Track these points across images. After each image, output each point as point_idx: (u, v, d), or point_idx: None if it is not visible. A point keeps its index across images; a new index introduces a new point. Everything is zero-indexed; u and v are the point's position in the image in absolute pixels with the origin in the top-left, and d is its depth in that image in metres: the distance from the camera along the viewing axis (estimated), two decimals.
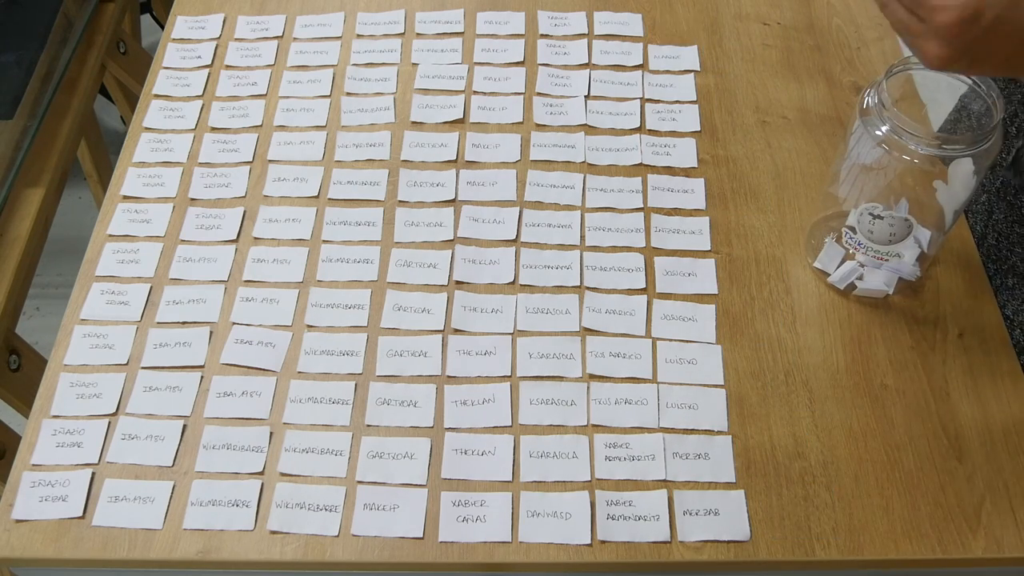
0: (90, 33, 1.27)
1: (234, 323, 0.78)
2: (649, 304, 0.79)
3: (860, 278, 0.78)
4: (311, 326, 0.78)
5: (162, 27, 1.17)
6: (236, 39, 1.01)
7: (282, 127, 0.92)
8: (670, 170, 0.89)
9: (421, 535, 0.67)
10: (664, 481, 0.70)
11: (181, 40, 1.01)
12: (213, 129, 0.92)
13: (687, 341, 0.77)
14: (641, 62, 0.98)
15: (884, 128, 0.69)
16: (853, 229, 0.76)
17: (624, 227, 0.84)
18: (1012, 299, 0.78)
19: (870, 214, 0.74)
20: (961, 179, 0.69)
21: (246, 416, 0.73)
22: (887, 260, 0.76)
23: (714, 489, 0.69)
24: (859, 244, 0.76)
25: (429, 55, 0.98)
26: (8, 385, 1.03)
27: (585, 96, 0.95)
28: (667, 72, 0.97)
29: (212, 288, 0.80)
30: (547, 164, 0.89)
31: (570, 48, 0.99)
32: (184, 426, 0.73)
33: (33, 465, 0.71)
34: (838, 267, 0.79)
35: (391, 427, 0.72)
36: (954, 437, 0.72)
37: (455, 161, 0.89)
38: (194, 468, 0.70)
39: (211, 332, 0.78)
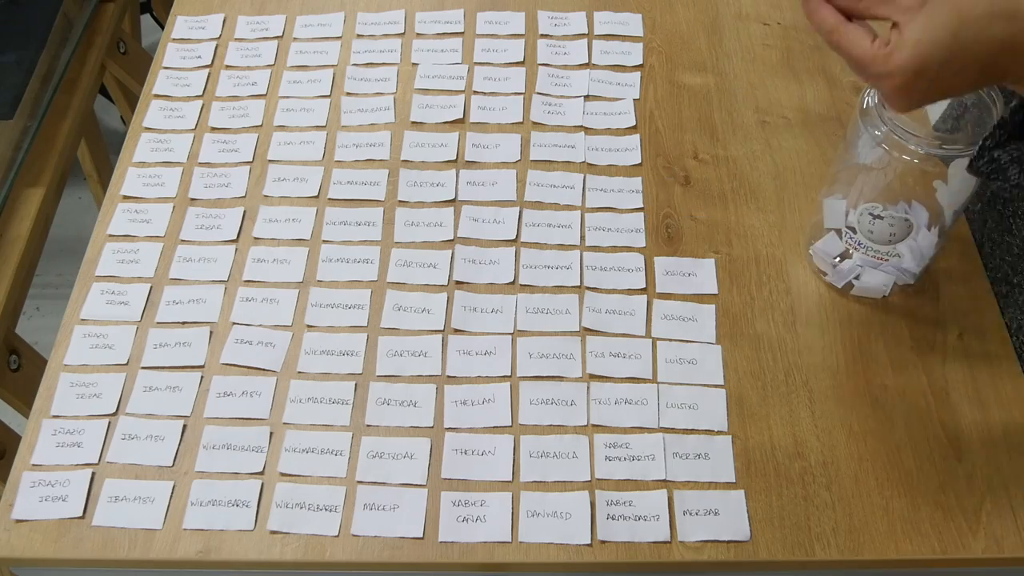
0: (90, 33, 1.27)
1: (234, 323, 0.78)
2: (649, 304, 0.79)
3: (858, 277, 0.78)
4: (311, 326, 0.78)
5: (162, 27, 1.17)
6: (236, 39, 1.01)
7: (282, 127, 0.92)
8: (670, 170, 0.89)
9: (421, 535, 0.67)
10: (664, 481, 0.70)
11: (181, 40, 1.01)
12: (213, 129, 0.92)
13: (687, 341, 0.77)
14: (641, 62, 0.98)
15: (884, 128, 0.69)
16: (853, 229, 0.76)
17: (624, 227, 0.84)
18: (1007, 306, 0.79)
19: (870, 214, 0.74)
20: (961, 179, 0.69)
21: (246, 416, 0.73)
22: (886, 260, 0.76)
23: (714, 489, 0.69)
24: (859, 244, 0.76)
25: (429, 55, 0.98)
26: (8, 385, 1.03)
27: (585, 96, 0.95)
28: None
29: (212, 288, 0.80)
30: (547, 164, 0.89)
31: (570, 48, 0.99)
32: (184, 426, 0.73)
33: (33, 465, 0.71)
34: (836, 266, 0.79)
35: (391, 427, 0.72)
36: (954, 437, 0.72)
37: (455, 161, 0.89)
38: (194, 468, 0.70)
39: (211, 332, 0.78)
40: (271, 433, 0.72)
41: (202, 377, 0.75)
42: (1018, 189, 0.64)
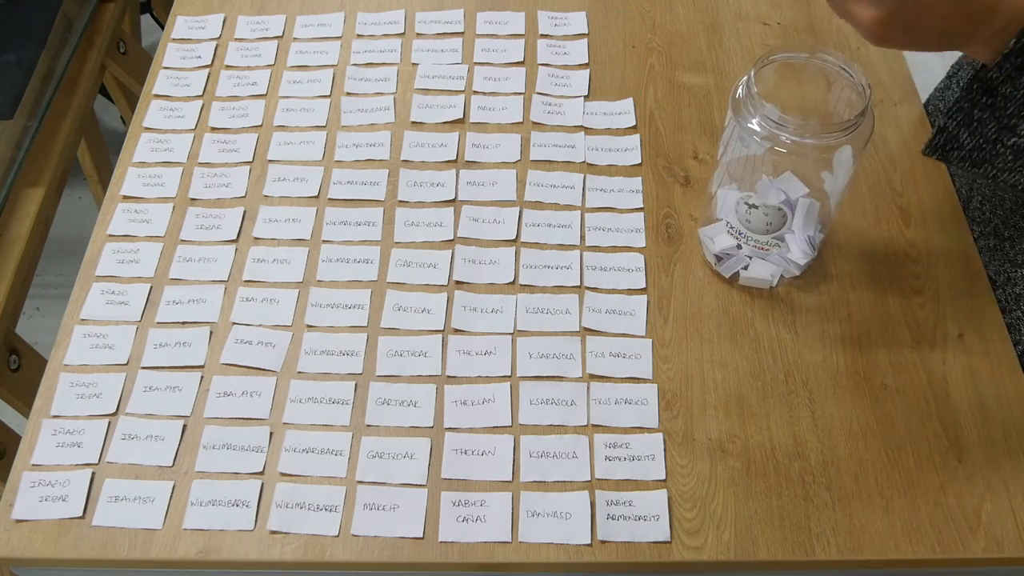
0: (90, 33, 1.27)
1: (234, 323, 0.78)
2: (649, 304, 0.79)
3: (746, 268, 0.78)
4: (311, 326, 0.78)
5: (162, 27, 1.17)
6: (236, 39, 1.01)
7: (282, 127, 0.92)
8: (670, 170, 0.89)
9: (421, 535, 0.67)
10: (664, 481, 0.70)
11: (181, 40, 1.01)
12: (213, 129, 0.92)
13: None
14: (641, 62, 0.98)
15: (755, 120, 0.69)
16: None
17: (624, 227, 0.84)
18: (994, 259, 0.80)
19: (746, 203, 0.74)
20: (842, 166, 0.70)
21: (246, 416, 0.73)
22: (768, 250, 0.76)
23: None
24: (740, 234, 0.76)
25: (429, 55, 0.98)
26: (8, 385, 1.03)
27: (584, 96, 0.95)
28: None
29: (212, 288, 0.80)
30: (547, 164, 0.89)
31: (570, 48, 0.99)
32: (184, 426, 0.73)
33: (33, 465, 0.71)
34: (722, 258, 0.79)
35: (391, 427, 0.72)
36: (954, 437, 0.72)
37: (455, 161, 0.89)
38: (194, 468, 0.70)
39: (211, 332, 0.78)
40: (271, 433, 0.72)
41: (202, 377, 0.75)
42: (973, 154, 0.66)
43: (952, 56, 0.88)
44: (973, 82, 0.63)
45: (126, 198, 0.87)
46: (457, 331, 0.77)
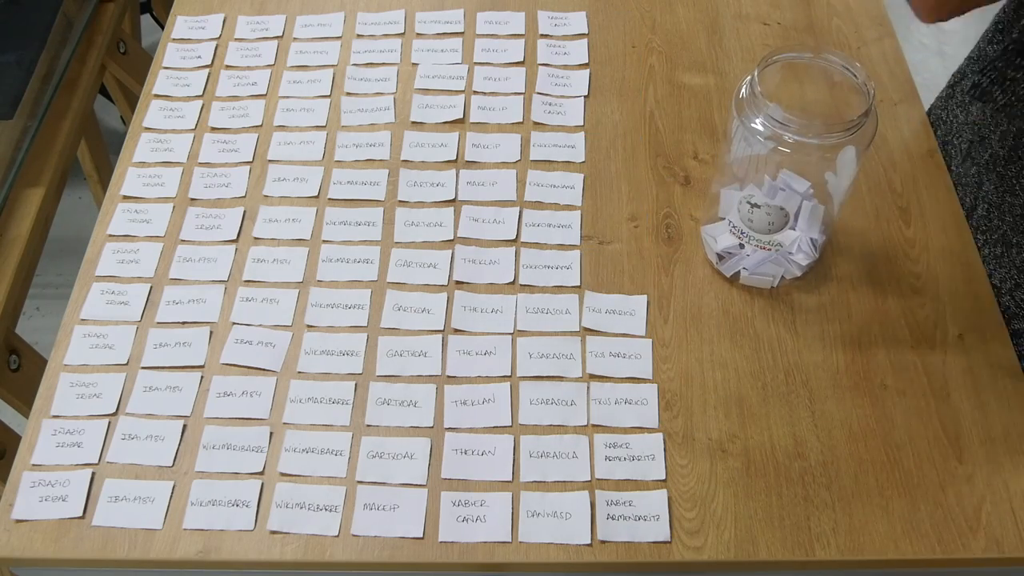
0: (90, 33, 1.27)
1: (234, 323, 0.78)
2: (649, 304, 0.79)
3: (747, 267, 0.78)
4: (311, 326, 0.78)
5: (162, 27, 1.17)
6: (236, 39, 1.01)
7: (282, 127, 0.92)
8: (670, 170, 0.89)
9: (421, 535, 0.67)
10: (664, 481, 0.70)
11: (181, 40, 1.01)
12: (213, 129, 0.92)
13: None
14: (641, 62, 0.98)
15: (759, 120, 0.69)
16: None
17: None
18: (999, 267, 0.80)
19: (748, 203, 0.74)
20: (846, 166, 0.70)
21: (246, 416, 0.73)
22: (770, 250, 0.76)
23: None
24: (742, 233, 0.76)
25: (429, 55, 0.98)
26: (8, 385, 1.03)
27: (584, 96, 0.95)
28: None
29: (212, 288, 0.80)
30: (547, 164, 0.89)
31: (570, 48, 0.99)
32: (184, 426, 0.73)
33: (33, 465, 0.71)
34: (723, 257, 0.79)
35: (391, 427, 0.72)
36: (954, 437, 0.72)
37: (455, 161, 0.89)
38: (194, 468, 0.70)
39: (211, 332, 0.78)
40: (271, 433, 0.72)
41: (202, 377, 0.75)
42: (1007, 108, 0.66)
43: (954, 62, 0.88)
44: (1010, 44, 0.63)
45: (126, 198, 0.87)
46: (457, 331, 0.77)
